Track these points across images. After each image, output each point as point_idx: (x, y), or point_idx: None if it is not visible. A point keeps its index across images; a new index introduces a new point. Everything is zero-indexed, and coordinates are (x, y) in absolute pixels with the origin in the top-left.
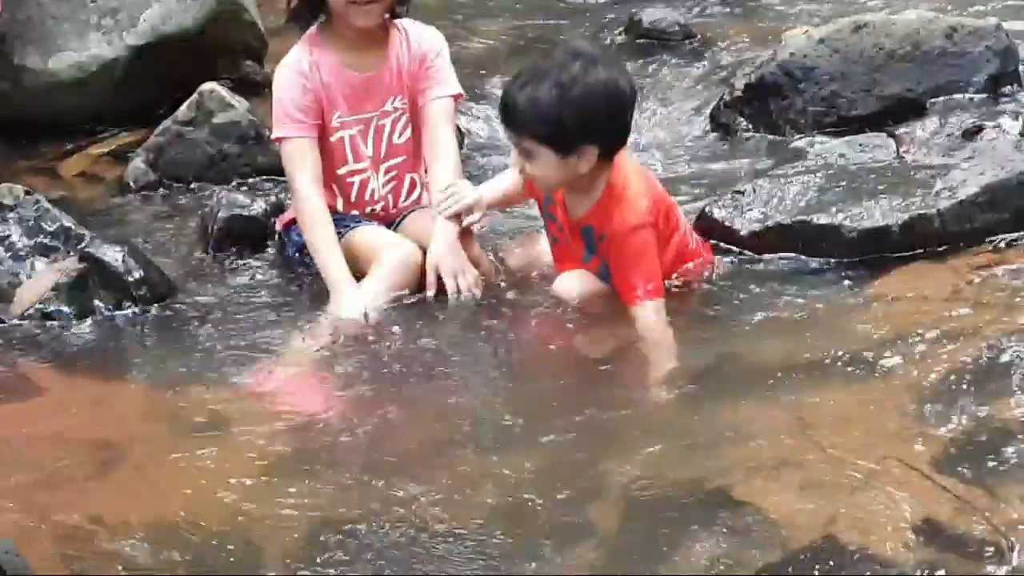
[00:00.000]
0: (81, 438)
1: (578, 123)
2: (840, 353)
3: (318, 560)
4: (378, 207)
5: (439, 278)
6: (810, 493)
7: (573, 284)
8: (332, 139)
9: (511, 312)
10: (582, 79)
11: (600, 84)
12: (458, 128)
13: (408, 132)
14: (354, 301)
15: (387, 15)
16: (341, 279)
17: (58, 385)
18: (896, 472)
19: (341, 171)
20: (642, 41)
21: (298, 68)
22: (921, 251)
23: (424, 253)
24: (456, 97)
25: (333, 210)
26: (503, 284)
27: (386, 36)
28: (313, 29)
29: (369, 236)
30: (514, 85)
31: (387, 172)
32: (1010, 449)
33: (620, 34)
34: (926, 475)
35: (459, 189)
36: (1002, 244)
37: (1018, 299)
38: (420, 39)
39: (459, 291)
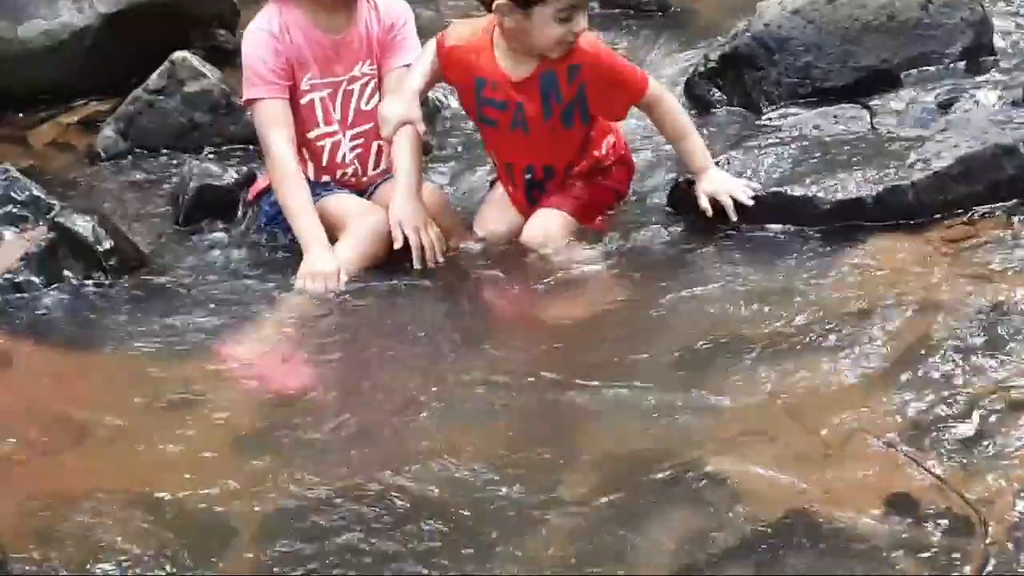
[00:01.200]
0: (51, 410)
1: None
2: (813, 325)
3: (287, 534)
4: (348, 171)
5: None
6: (782, 466)
7: (539, 228)
8: (302, 102)
9: (481, 278)
10: None
11: None
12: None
13: (376, 99)
14: (329, 264)
15: None
16: (316, 239)
17: (27, 356)
18: (869, 446)
19: (311, 135)
20: (616, 11)
21: (269, 29)
22: (895, 223)
23: None
24: None
25: (305, 177)
26: (474, 247)
27: (355, 2)
28: None
29: (340, 203)
30: None
31: (354, 138)
32: (983, 423)
33: (593, 3)
34: (899, 449)
35: (386, 106)
36: (976, 216)
37: (991, 271)
38: (388, 6)
39: (422, 247)
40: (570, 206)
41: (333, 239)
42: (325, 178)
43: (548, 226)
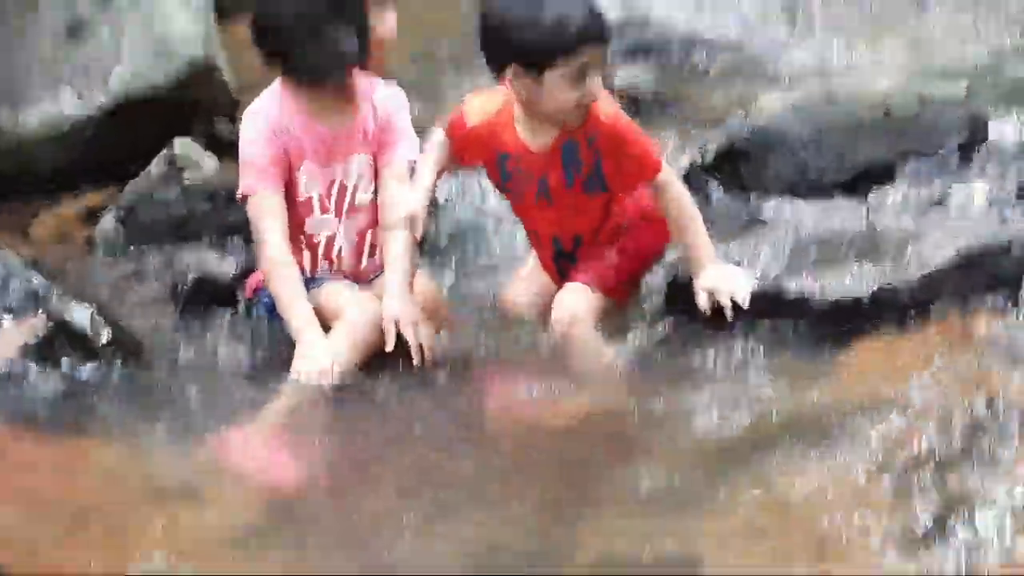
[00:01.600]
0: (46, 499)
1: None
2: (809, 422)
3: None
4: (345, 264)
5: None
6: (778, 564)
7: (567, 309)
8: (299, 196)
9: (476, 367)
10: None
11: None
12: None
13: (371, 191)
14: (322, 352)
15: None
16: (309, 331)
17: (24, 445)
18: (863, 547)
19: (308, 227)
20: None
21: (267, 119)
22: (892, 318)
23: None
24: (413, 161)
25: (300, 269)
26: (469, 331)
27: (354, 92)
28: (278, 82)
29: (335, 293)
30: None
31: (350, 229)
32: (979, 525)
33: None
34: (894, 551)
35: (392, 202)
36: (972, 312)
37: (988, 368)
38: (385, 97)
39: (420, 345)
40: (599, 280)
41: (327, 329)
42: (320, 270)
43: (576, 307)
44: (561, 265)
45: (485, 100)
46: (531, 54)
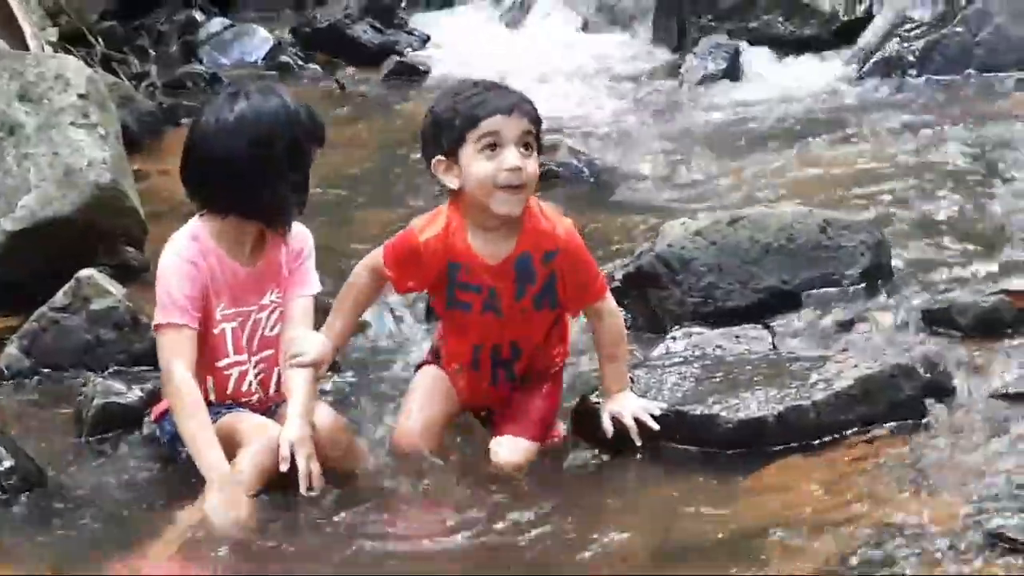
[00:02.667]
0: None
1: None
2: (714, 546)
3: None
4: (253, 398)
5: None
6: None
7: (509, 457)
8: (214, 331)
9: (385, 499)
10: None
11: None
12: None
13: (279, 326)
14: (229, 500)
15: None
16: (214, 471)
17: None
18: None
19: (220, 363)
20: None
21: (188, 257)
22: (797, 443)
23: None
24: (314, 297)
25: (205, 400)
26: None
27: (268, 232)
28: (198, 217)
29: (239, 420)
30: (486, 89)
31: (258, 363)
32: None
33: None
34: None
35: (302, 343)
36: (876, 435)
37: (891, 492)
38: (296, 236)
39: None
40: (529, 432)
41: (230, 454)
42: (228, 402)
43: (517, 459)
44: (497, 375)
45: (430, 218)
46: (441, 138)
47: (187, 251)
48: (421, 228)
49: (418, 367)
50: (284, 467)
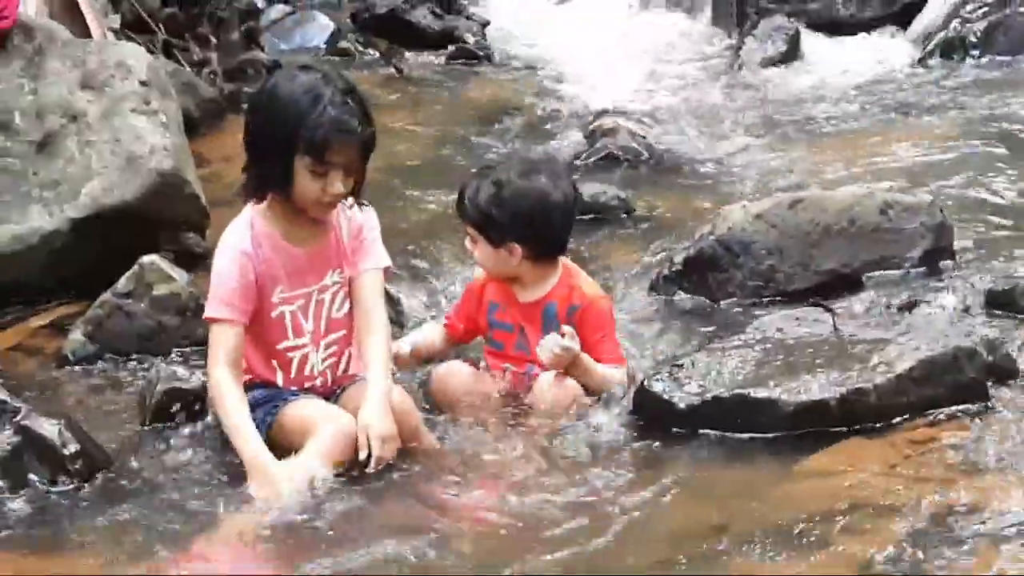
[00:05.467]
0: None
1: (507, 220)
2: (776, 528)
3: None
4: (317, 382)
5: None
6: None
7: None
8: (273, 315)
9: (445, 482)
10: (516, 182)
11: (532, 190)
12: (390, 296)
13: (347, 306)
14: (272, 482)
15: None
16: (261, 461)
17: None
18: None
19: (280, 346)
20: (583, 215)
21: (241, 247)
22: (858, 426)
23: None
24: (386, 270)
25: (272, 384)
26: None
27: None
28: (252, 204)
29: (306, 408)
30: (471, 179)
31: (328, 347)
32: None
33: None
34: None
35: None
36: (938, 418)
37: (953, 475)
38: (354, 212)
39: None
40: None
41: (298, 444)
42: (293, 387)
43: (557, 392)
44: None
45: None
46: None
47: (240, 240)
48: (481, 276)
49: None
50: (363, 455)
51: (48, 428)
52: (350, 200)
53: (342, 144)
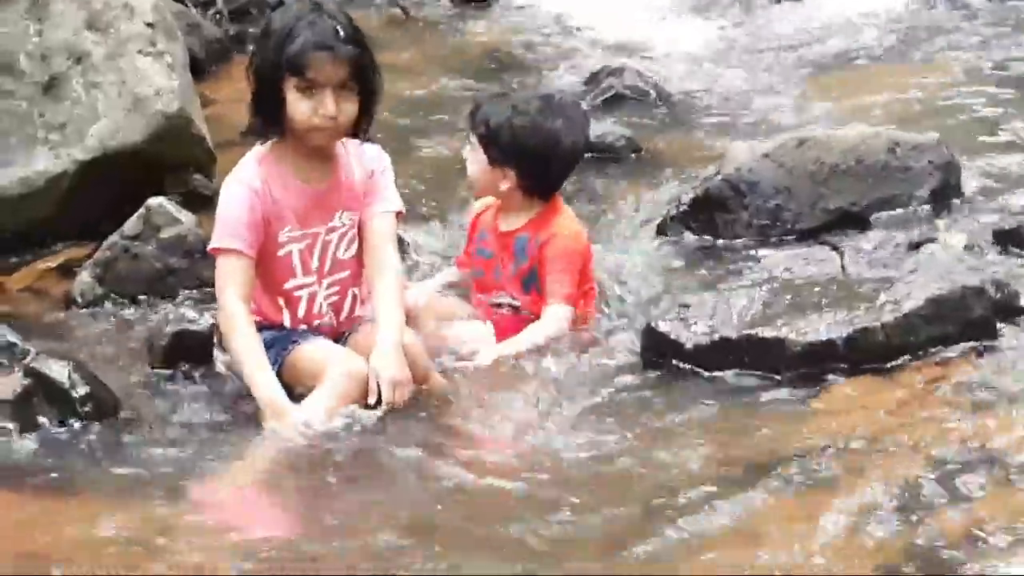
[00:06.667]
0: (24, 553)
1: (510, 147)
2: (784, 465)
3: None
4: (324, 320)
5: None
6: None
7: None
8: (280, 253)
9: (455, 424)
10: (533, 115)
11: (544, 129)
12: (400, 239)
13: (354, 247)
14: (286, 416)
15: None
16: (272, 398)
17: (1, 501)
18: None
19: (288, 285)
20: (588, 155)
21: (249, 184)
22: (866, 364)
23: None
24: (398, 214)
25: (279, 326)
26: (447, 389)
27: (335, 151)
28: (262, 142)
29: (317, 350)
30: (493, 97)
31: (330, 287)
32: (954, 564)
33: None
34: None
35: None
36: (947, 357)
37: (961, 412)
38: (367, 155)
39: (392, 401)
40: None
41: (309, 384)
42: (301, 327)
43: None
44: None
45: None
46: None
47: (249, 175)
48: (478, 204)
49: None
50: (372, 399)
51: (57, 370)
52: (357, 141)
53: (322, 60)
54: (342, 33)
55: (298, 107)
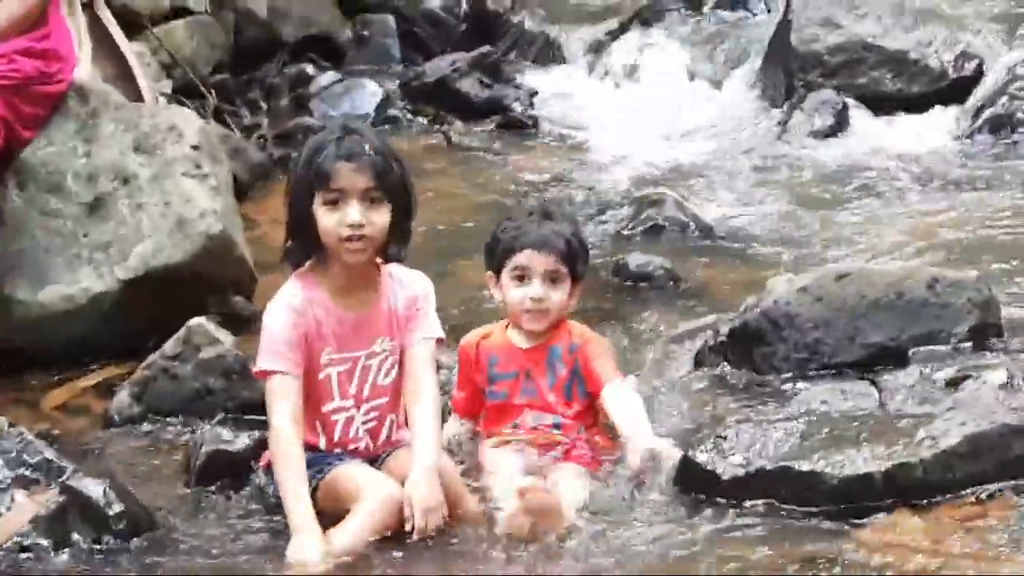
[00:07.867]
0: None
1: (585, 258)
2: None
3: None
4: (360, 445)
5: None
6: None
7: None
8: (319, 376)
9: (482, 547)
10: (576, 222)
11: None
12: (438, 365)
13: (393, 373)
14: (313, 546)
15: (379, 258)
16: (303, 524)
17: None
18: None
19: (326, 408)
20: (629, 283)
21: (291, 305)
22: (903, 501)
23: None
24: (439, 341)
25: (315, 448)
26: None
27: (377, 277)
28: (304, 267)
29: (353, 473)
30: (533, 220)
31: (368, 412)
32: None
33: (610, 275)
34: None
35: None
36: (984, 495)
37: (999, 552)
38: (409, 282)
39: (424, 529)
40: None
41: (344, 508)
42: (336, 450)
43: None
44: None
45: (479, 329)
46: (492, 259)
47: (290, 299)
48: (471, 336)
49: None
50: (409, 527)
51: (93, 488)
52: (401, 268)
53: (346, 169)
54: (367, 145)
55: (326, 220)
